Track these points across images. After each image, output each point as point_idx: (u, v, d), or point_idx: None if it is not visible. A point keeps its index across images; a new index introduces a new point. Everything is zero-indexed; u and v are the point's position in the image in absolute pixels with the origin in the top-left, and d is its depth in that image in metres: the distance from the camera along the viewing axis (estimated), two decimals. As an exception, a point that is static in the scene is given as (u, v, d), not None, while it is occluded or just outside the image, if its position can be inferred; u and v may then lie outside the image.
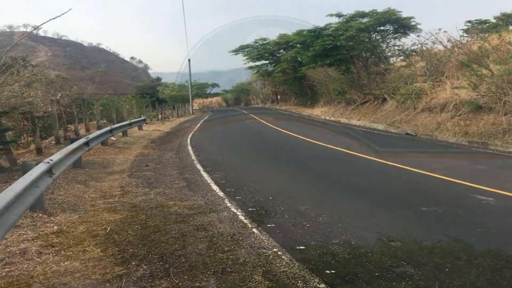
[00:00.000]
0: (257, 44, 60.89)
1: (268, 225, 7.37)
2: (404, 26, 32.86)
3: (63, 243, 6.57)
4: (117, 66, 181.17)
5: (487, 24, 36.08)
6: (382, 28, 34.02)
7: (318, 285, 5.08)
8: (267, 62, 61.30)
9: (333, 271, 5.43)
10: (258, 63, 62.20)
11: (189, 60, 63.42)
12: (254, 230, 7.09)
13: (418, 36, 33.78)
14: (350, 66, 36.29)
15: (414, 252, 5.94)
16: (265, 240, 6.58)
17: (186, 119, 44.33)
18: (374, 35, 34.97)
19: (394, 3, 37.08)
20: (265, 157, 16.04)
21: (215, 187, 10.44)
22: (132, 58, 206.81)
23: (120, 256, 6.01)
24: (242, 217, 7.81)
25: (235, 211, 8.24)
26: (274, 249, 6.18)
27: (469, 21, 38.54)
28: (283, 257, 5.89)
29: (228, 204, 8.74)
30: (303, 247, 6.29)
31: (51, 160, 8.89)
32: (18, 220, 6.29)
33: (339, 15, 35.67)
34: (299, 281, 5.17)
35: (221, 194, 9.72)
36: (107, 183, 11.09)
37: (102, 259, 5.90)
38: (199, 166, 13.66)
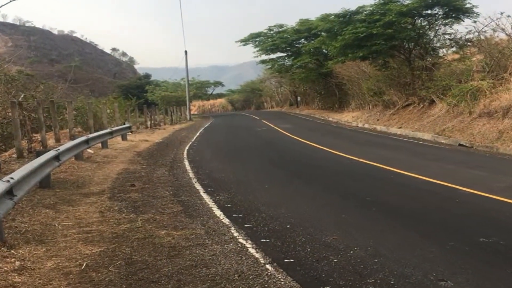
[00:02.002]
0: (271, 32, 61.03)
1: (286, 260, 7.37)
2: (457, 9, 32.70)
3: (27, 283, 6.60)
4: (95, 59, 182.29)
5: None
6: (429, 11, 33.91)
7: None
8: (284, 54, 61.37)
9: (367, 319, 5.43)
10: (272, 55, 62.37)
11: (185, 51, 63.55)
12: (267, 266, 7.10)
13: (475, 22, 33.48)
14: (389, 60, 36.20)
15: (470, 295, 5.92)
16: (282, 280, 6.59)
17: (182, 127, 44.47)
18: (419, 21, 34.90)
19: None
20: (281, 174, 16.05)
21: (218, 212, 10.47)
22: (113, 49, 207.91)
23: (99, 298, 6.04)
24: (252, 250, 7.83)
25: (244, 242, 8.26)
26: (293, 291, 6.18)
27: (539, 3, 38.43)
28: (304, 300, 5.89)
29: (235, 234, 8.76)
30: (329, 288, 6.29)
31: (12, 178, 8.95)
32: (-28, 253, 6.33)
33: (374, -5, 35.72)
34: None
35: (226, 221, 9.75)
36: (82, 208, 11.14)
37: (77, 303, 5.93)
38: (198, 186, 13.71)
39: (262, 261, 7.31)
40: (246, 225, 9.39)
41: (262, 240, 8.41)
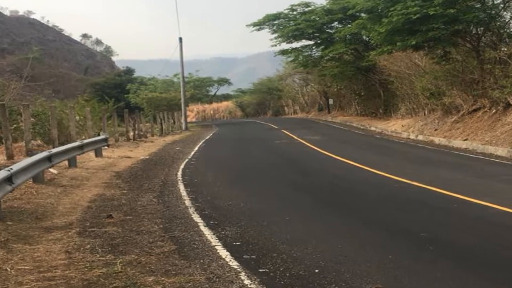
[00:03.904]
0: (294, 13, 60.99)
1: (313, 317, 7.38)
2: (542, -19, 32.71)
3: None
4: (60, 49, 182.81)
5: None
6: (504, -15, 33.94)
7: None
8: (311, 42, 61.42)
9: None
10: (296, 44, 62.36)
11: (180, 38, 63.62)
12: (288, 325, 7.11)
13: None
14: (451, 50, 36.16)
15: None
16: None
17: (176, 139, 44.57)
18: (491, -3, 34.90)
19: None
20: (307, 202, 16.05)
21: (223, 253, 10.48)
22: (84, 36, 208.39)
23: None
24: (268, 304, 7.84)
25: (258, 293, 8.27)
26: None
27: None
28: None
29: (246, 281, 8.76)
30: None
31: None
32: None
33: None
34: None
35: (234, 264, 9.74)
36: (43, 246, 11.16)
37: None
38: (197, 217, 13.70)
39: (282, 318, 7.33)
40: (260, 270, 9.39)
41: (282, 289, 8.42)
